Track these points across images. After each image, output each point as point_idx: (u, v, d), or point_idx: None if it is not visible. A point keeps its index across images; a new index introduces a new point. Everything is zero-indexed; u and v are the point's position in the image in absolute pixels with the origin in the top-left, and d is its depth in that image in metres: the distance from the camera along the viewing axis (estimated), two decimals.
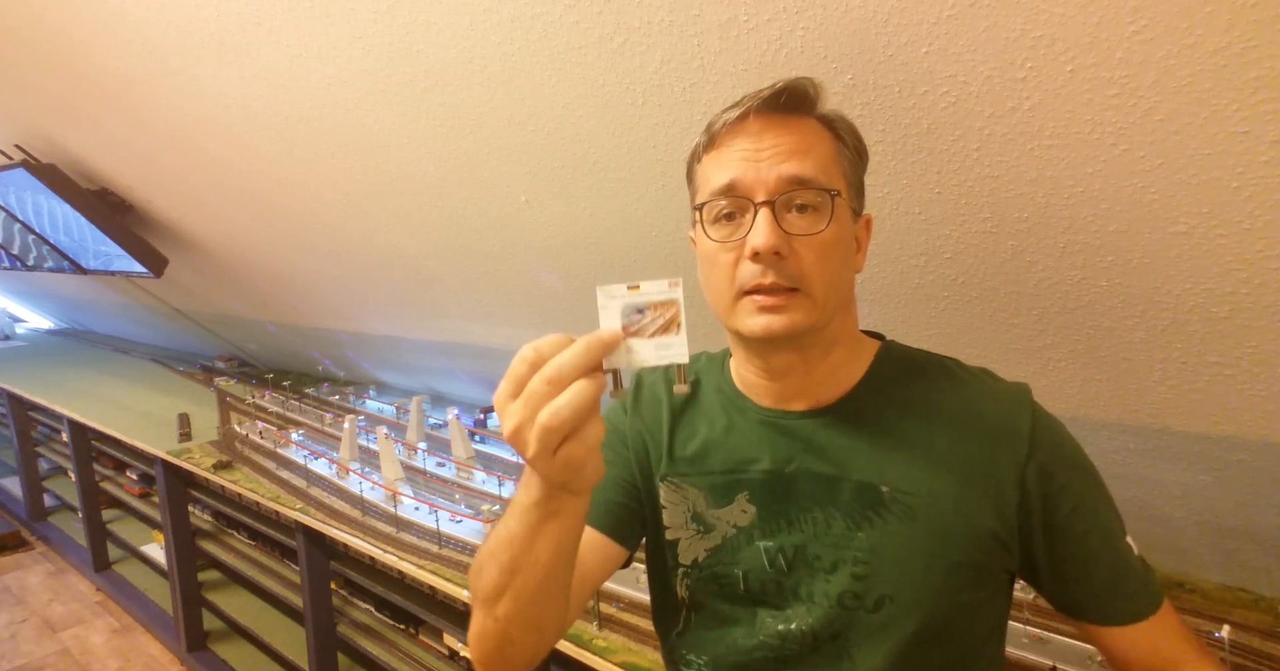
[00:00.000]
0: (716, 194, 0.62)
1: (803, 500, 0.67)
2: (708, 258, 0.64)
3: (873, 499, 0.64)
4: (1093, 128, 0.74)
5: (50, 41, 1.60)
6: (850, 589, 0.64)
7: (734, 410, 0.72)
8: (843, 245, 0.63)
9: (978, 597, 0.65)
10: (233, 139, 1.66)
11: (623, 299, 0.49)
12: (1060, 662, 1.02)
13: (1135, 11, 0.65)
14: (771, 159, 0.60)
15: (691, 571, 0.72)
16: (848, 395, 0.68)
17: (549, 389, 0.45)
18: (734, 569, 0.69)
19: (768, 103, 0.61)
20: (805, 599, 0.66)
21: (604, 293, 0.50)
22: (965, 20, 0.72)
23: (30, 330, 5.56)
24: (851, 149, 0.65)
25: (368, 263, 1.95)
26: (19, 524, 3.83)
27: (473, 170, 1.34)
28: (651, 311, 0.49)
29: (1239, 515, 1.06)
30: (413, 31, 1.08)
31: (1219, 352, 0.88)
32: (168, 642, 2.73)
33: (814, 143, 0.62)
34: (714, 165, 0.64)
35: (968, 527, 0.63)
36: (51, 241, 2.73)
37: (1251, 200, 0.72)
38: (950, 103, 0.80)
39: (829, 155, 0.63)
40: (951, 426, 0.65)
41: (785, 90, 0.61)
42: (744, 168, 0.61)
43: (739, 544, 0.69)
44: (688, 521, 0.72)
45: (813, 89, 0.63)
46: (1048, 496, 0.63)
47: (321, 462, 2.07)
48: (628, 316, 0.49)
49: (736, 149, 0.62)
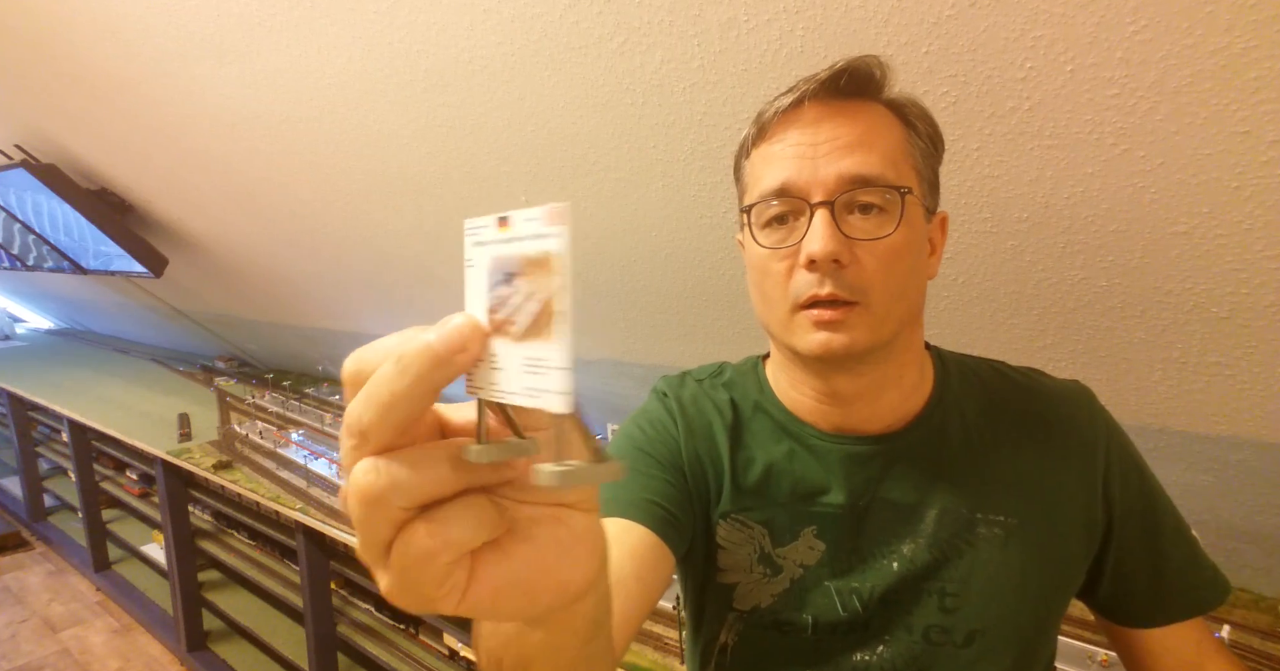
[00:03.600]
0: (767, 195, 0.54)
1: (878, 533, 0.59)
2: (758, 266, 0.57)
3: (961, 525, 0.58)
4: (1093, 128, 0.74)
5: (51, 42, 1.60)
6: (938, 623, 0.57)
7: (789, 435, 0.63)
8: (913, 250, 0.54)
9: (1059, 620, 0.61)
10: (233, 139, 1.66)
11: (490, 247, 0.25)
12: (1060, 662, 1.02)
13: (1135, 11, 0.64)
14: (830, 153, 0.52)
15: (748, 616, 0.62)
16: (921, 414, 0.61)
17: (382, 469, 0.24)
18: (802, 615, 0.60)
19: (826, 87, 0.53)
20: (884, 635, 0.59)
21: (469, 231, 0.26)
22: (965, 20, 0.72)
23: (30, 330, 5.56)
24: (925, 138, 0.57)
25: (368, 263, 1.95)
26: (19, 524, 3.83)
27: (473, 170, 1.34)
28: (526, 277, 0.24)
29: (1239, 515, 1.06)
30: (413, 31, 1.08)
31: (1219, 352, 0.88)
32: (168, 642, 2.73)
33: (881, 132, 0.54)
34: (764, 161, 0.56)
35: (1063, 546, 0.58)
36: (51, 241, 2.73)
37: (1251, 200, 0.72)
38: (950, 103, 0.80)
39: (898, 146, 0.54)
40: (1030, 439, 0.60)
41: (846, 71, 0.52)
42: (799, 164, 0.53)
43: (806, 586, 0.60)
44: (753, 564, 0.62)
45: (879, 69, 0.54)
46: (1125, 500, 0.60)
47: (321, 462, 2.06)
48: (494, 284, 0.25)
49: (790, 142, 0.54)
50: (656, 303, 1.41)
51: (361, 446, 0.24)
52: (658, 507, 0.60)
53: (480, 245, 0.26)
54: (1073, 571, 0.59)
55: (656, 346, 1.57)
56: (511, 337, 0.24)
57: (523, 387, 0.24)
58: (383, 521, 0.24)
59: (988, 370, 0.65)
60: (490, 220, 0.25)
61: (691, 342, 1.49)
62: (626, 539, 0.57)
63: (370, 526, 0.24)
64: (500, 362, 0.24)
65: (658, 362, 1.59)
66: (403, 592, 0.24)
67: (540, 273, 0.23)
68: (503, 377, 0.24)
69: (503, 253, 0.25)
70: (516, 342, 0.24)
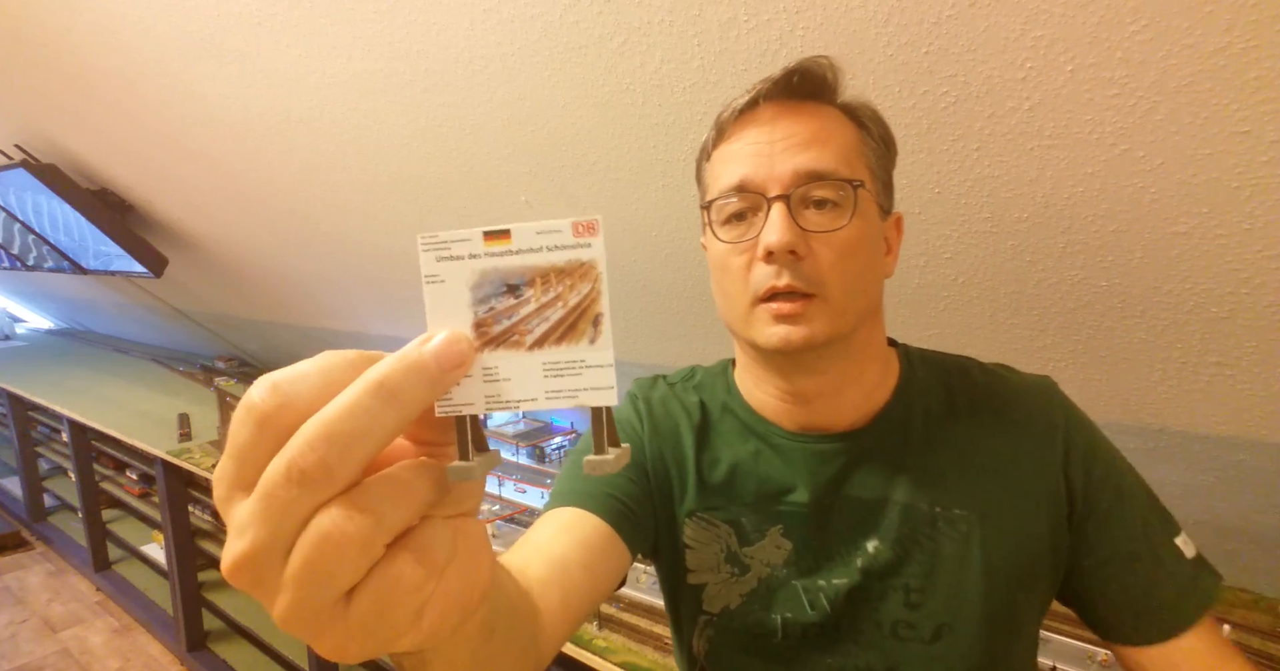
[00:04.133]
0: (726, 191, 0.56)
1: (844, 531, 0.60)
2: (719, 262, 0.58)
3: (923, 521, 0.58)
4: (1093, 128, 0.74)
5: (51, 42, 1.60)
6: (905, 619, 0.58)
7: (754, 435, 0.64)
8: (868, 245, 0.56)
9: (1033, 614, 0.60)
10: (233, 139, 1.66)
11: (474, 261, 0.25)
12: (1060, 662, 1.02)
13: (1135, 11, 0.64)
14: (786, 150, 0.54)
15: (718, 620, 0.63)
16: (883, 411, 0.61)
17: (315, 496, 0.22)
18: (771, 615, 0.61)
19: (780, 86, 0.55)
20: (855, 635, 0.60)
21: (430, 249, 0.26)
22: (965, 20, 0.72)
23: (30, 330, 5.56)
24: (878, 139, 0.58)
25: (368, 263, 1.95)
26: (19, 524, 3.83)
27: (473, 170, 1.34)
28: (537, 287, 0.25)
29: (1239, 515, 1.06)
30: (413, 31, 1.08)
31: (1219, 353, 0.88)
32: (168, 642, 2.73)
33: (834, 131, 0.56)
34: (723, 160, 0.57)
35: (1025, 538, 0.58)
36: (51, 241, 2.73)
37: (1251, 200, 0.72)
38: (950, 103, 0.80)
39: (851, 144, 0.56)
40: (989, 431, 0.60)
41: (797, 71, 0.55)
42: (756, 161, 0.54)
43: (774, 586, 0.61)
44: (720, 563, 0.63)
45: (831, 72, 0.56)
46: (1088, 489, 0.58)
47: None
48: (484, 297, 0.25)
49: (747, 140, 0.56)
50: (656, 303, 1.41)
51: (319, 491, 0.21)
52: (615, 501, 0.61)
53: (452, 260, 0.25)
54: (1039, 563, 0.58)
55: (656, 346, 1.56)
56: (521, 347, 0.25)
57: (546, 392, 0.25)
58: (351, 568, 0.21)
59: (954, 366, 0.65)
60: (470, 233, 0.25)
61: (691, 342, 1.49)
62: (578, 528, 0.58)
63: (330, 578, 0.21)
64: (504, 373, 0.25)
65: (657, 362, 1.59)
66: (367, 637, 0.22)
67: (567, 280, 0.25)
68: (511, 388, 0.25)
69: (502, 265, 0.25)
70: (528, 351, 0.25)
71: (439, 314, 0.25)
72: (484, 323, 0.25)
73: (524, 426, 2.17)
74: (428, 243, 0.26)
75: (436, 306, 0.26)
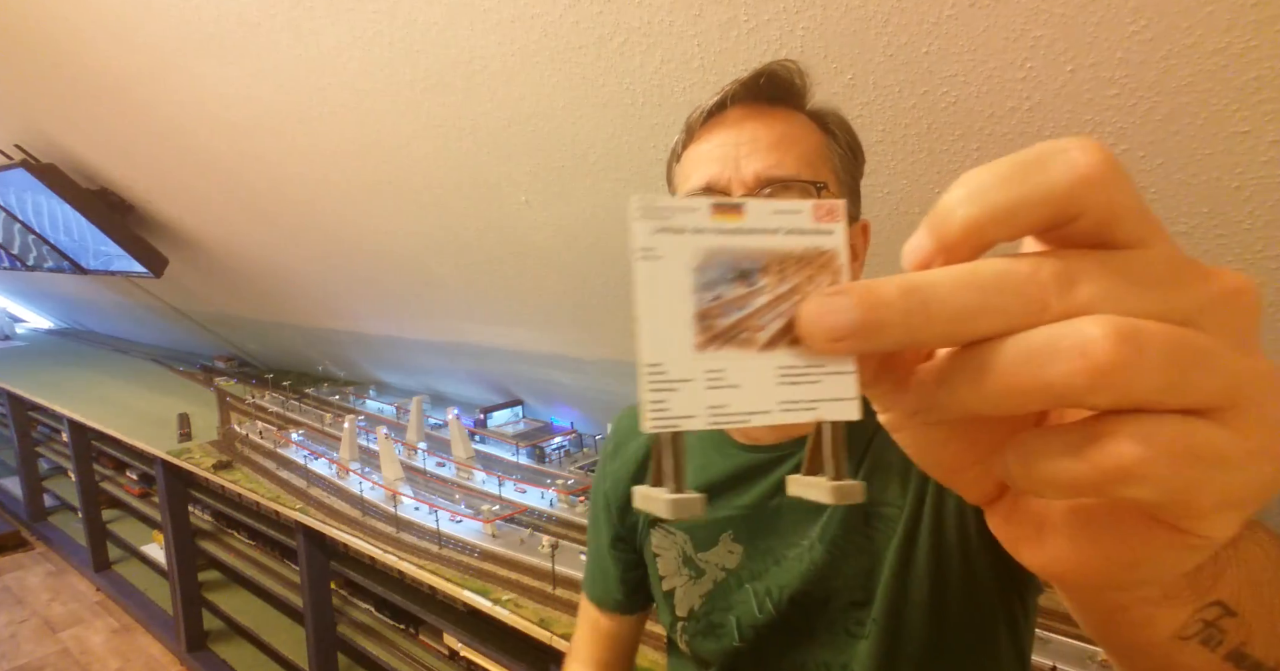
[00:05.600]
0: (692, 192, 0.56)
1: (789, 535, 0.62)
2: None
3: (859, 520, 0.59)
4: (1093, 128, 0.74)
5: (51, 41, 1.60)
6: (853, 617, 0.60)
7: (710, 446, 0.67)
8: None
9: (984, 615, 0.58)
10: (233, 139, 1.66)
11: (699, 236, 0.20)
12: (1060, 662, 1.02)
13: (1135, 11, 0.65)
14: (751, 153, 0.54)
15: (687, 624, 0.67)
16: None
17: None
18: (728, 616, 0.64)
19: (747, 88, 0.55)
20: (809, 634, 0.61)
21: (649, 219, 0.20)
22: (965, 20, 0.72)
23: (30, 330, 5.56)
24: (844, 146, 0.59)
25: (368, 262, 1.95)
26: (19, 524, 3.83)
27: (473, 170, 1.34)
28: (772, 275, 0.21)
29: None
30: (413, 31, 1.08)
31: None
32: (168, 642, 2.73)
33: (799, 136, 0.56)
34: (691, 162, 0.58)
35: (949, 525, 0.57)
36: (51, 241, 2.73)
37: (1251, 200, 0.72)
38: (950, 102, 0.80)
39: (816, 149, 0.57)
40: None
41: (765, 74, 0.55)
42: (722, 163, 0.55)
43: (729, 588, 0.64)
44: (680, 567, 0.67)
45: (798, 76, 0.57)
46: None
47: (321, 462, 2.07)
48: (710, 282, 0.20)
49: (715, 142, 0.56)
50: None
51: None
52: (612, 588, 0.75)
53: (672, 233, 0.20)
54: (975, 554, 0.56)
55: None
56: (753, 346, 0.20)
57: (781, 402, 0.20)
58: None
59: None
60: (696, 203, 0.20)
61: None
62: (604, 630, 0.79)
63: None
64: (733, 377, 0.20)
65: None
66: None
67: (806, 270, 0.21)
68: (740, 396, 0.20)
69: (733, 245, 0.20)
70: (760, 352, 0.20)
71: (655, 298, 0.20)
72: (709, 313, 0.20)
73: (524, 426, 2.17)
74: (645, 208, 0.20)
75: (652, 288, 0.20)
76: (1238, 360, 0.16)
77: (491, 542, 1.54)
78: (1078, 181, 0.16)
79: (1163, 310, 0.16)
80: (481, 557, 1.50)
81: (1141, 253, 0.17)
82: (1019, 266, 0.17)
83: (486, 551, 1.51)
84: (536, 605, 1.31)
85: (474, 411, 2.23)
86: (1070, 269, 0.16)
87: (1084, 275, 0.16)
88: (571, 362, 1.87)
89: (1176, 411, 0.16)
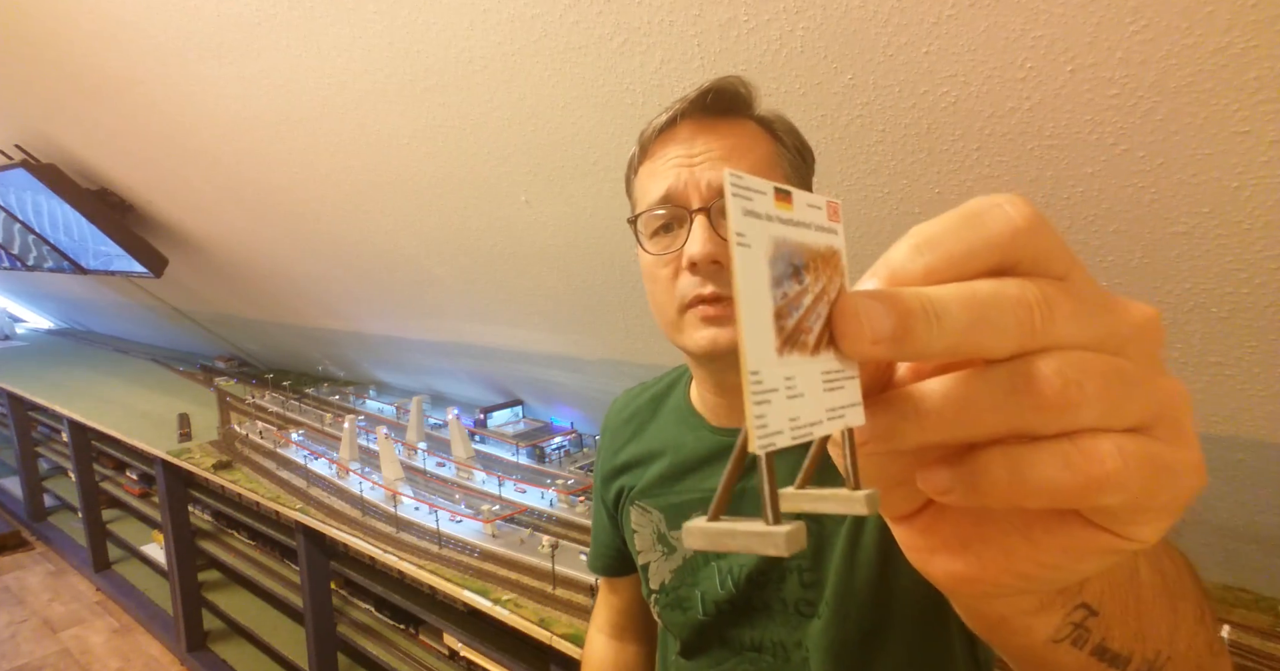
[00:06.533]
0: (652, 205, 0.60)
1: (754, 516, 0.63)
2: (649, 273, 0.62)
3: None
4: (1093, 128, 0.74)
5: (51, 42, 1.60)
6: (804, 597, 0.62)
7: (686, 428, 0.71)
8: None
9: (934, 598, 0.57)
10: (233, 139, 1.66)
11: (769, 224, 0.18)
12: None
13: (1135, 11, 0.65)
14: (704, 164, 0.58)
15: (660, 596, 0.71)
16: None
17: None
18: (695, 590, 0.67)
19: (695, 105, 0.59)
20: (766, 610, 0.64)
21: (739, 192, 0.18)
22: (965, 20, 0.72)
23: (30, 330, 5.56)
24: (793, 150, 0.62)
25: (368, 263, 1.95)
26: (19, 524, 3.83)
27: (473, 170, 1.34)
28: (814, 274, 0.19)
29: (1239, 515, 1.06)
30: (413, 31, 1.08)
31: (1219, 353, 0.88)
32: (168, 642, 2.73)
33: (749, 145, 0.59)
34: (648, 176, 0.61)
35: None
36: (51, 241, 2.73)
37: (1251, 200, 0.72)
38: (950, 102, 0.80)
39: (767, 157, 0.60)
40: None
41: (711, 91, 0.58)
42: (677, 176, 0.58)
43: (697, 564, 0.68)
44: (655, 543, 0.71)
45: (744, 88, 0.60)
46: None
47: (321, 462, 2.07)
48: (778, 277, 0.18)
49: (669, 157, 0.60)
50: None
51: None
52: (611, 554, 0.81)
53: (755, 217, 0.18)
54: None
55: (656, 346, 1.56)
56: (807, 350, 0.19)
57: (828, 411, 0.19)
58: None
59: None
60: (763, 185, 0.18)
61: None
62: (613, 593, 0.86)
63: None
64: (800, 385, 0.18)
65: (657, 362, 1.58)
66: None
67: (827, 270, 0.20)
68: (805, 407, 0.18)
69: (791, 237, 0.19)
70: (812, 356, 0.19)
71: (750, 293, 0.17)
72: (781, 313, 0.18)
73: (524, 426, 2.18)
74: (737, 185, 0.18)
75: (747, 280, 0.17)
76: (1159, 381, 0.19)
77: (491, 542, 1.54)
78: (1014, 232, 0.19)
79: (1103, 336, 0.19)
80: (481, 557, 1.50)
81: (1075, 284, 0.19)
82: (1008, 289, 0.18)
83: (486, 551, 1.51)
84: (536, 605, 1.31)
85: (474, 411, 2.24)
86: (1047, 294, 0.18)
87: (1058, 300, 0.18)
88: (571, 362, 1.87)
89: (1120, 431, 0.18)
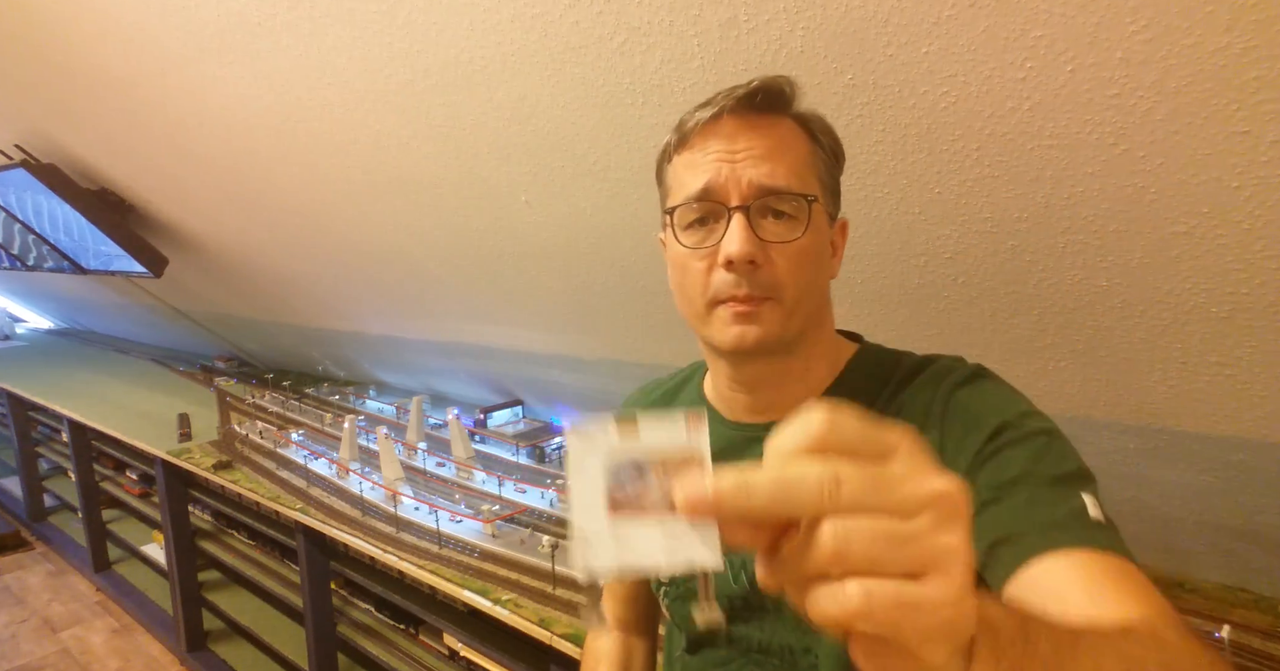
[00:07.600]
0: (690, 198, 0.59)
1: None
2: (679, 264, 0.62)
3: None
4: (1093, 128, 0.74)
5: (51, 42, 1.60)
6: None
7: None
8: (818, 252, 0.61)
9: None
10: (233, 139, 1.66)
11: (607, 451, 0.30)
12: None
13: (1135, 11, 0.64)
14: (745, 162, 0.58)
15: (670, 589, 0.71)
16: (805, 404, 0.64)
17: None
18: None
19: (742, 103, 0.59)
20: (776, 611, 0.64)
21: (578, 438, 0.31)
22: (965, 20, 0.72)
23: (30, 330, 5.56)
24: (828, 151, 0.63)
25: (368, 263, 1.95)
26: (19, 524, 3.83)
27: (473, 170, 1.34)
28: (658, 472, 0.30)
29: (1239, 515, 1.06)
30: (413, 32, 1.08)
31: (1219, 353, 0.88)
32: (168, 642, 2.73)
33: (790, 145, 0.60)
34: (686, 167, 0.61)
35: None
36: (51, 241, 2.73)
37: (1251, 200, 0.72)
38: (950, 103, 0.80)
39: (805, 158, 0.60)
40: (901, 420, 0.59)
41: (761, 90, 0.58)
42: (717, 170, 0.58)
43: None
44: None
45: (789, 88, 0.60)
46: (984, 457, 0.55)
47: (321, 462, 2.07)
48: (616, 476, 0.30)
49: (710, 150, 0.59)
50: (656, 303, 1.41)
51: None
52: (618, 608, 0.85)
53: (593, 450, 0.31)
54: None
55: (656, 346, 1.56)
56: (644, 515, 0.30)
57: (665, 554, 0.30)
58: None
59: (905, 365, 0.64)
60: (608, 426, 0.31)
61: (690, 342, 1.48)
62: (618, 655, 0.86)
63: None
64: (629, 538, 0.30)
65: (657, 362, 1.58)
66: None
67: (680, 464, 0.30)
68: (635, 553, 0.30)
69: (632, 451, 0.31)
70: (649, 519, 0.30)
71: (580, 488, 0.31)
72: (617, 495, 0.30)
73: (524, 426, 2.18)
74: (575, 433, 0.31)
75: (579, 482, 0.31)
76: (937, 539, 0.25)
77: (491, 542, 1.54)
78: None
79: (888, 504, 0.26)
80: (481, 557, 1.50)
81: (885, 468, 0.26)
82: (809, 472, 0.26)
83: (486, 551, 1.51)
84: (536, 605, 1.31)
85: (474, 411, 2.23)
86: (839, 475, 0.26)
87: (847, 481, 0.26)
88: (571, 362, 1.87)
89: (895, 576, 0.25)
